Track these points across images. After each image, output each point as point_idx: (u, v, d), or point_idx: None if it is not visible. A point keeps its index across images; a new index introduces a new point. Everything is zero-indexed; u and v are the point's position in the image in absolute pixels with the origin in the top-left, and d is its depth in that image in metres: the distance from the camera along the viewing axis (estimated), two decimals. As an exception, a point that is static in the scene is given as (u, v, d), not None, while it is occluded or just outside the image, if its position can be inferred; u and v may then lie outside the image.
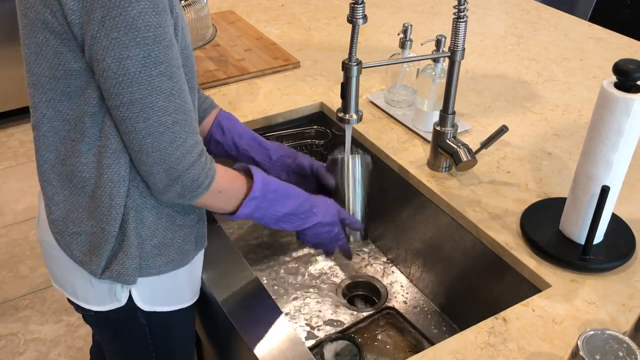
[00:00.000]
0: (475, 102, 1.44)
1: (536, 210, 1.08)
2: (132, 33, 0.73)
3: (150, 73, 0.76)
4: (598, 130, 0.91)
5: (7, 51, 2.94)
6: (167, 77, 0.78)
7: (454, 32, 1.06)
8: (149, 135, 0.79)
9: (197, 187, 0.85)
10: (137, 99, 0.77)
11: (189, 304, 1.03)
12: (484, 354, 0.86)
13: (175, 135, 0.80)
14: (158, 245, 0.92)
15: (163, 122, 0.79)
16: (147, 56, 0.75)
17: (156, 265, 0.93)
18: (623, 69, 0.87)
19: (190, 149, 0.83)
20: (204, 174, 0.85)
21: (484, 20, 1.88)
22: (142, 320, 0.99)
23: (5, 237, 2.45)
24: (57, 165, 0.87)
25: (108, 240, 0.88)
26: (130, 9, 0.72)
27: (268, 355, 0.89)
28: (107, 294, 0.94)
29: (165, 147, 0.80)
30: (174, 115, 0.80)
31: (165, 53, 0.77)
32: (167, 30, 0.76)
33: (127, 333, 1.03)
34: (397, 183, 1.26)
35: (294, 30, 1.79)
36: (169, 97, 0.79)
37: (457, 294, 1.21)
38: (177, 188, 0.84)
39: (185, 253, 0.97)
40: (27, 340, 2.04)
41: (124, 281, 0.91)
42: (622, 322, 0.90)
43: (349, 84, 1.02)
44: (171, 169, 0.82)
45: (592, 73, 1.58)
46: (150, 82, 0.76)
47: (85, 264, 0.91)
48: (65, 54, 0.79)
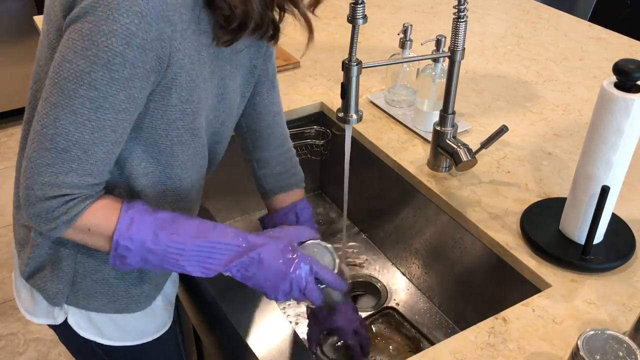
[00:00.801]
0: (475, 102, 1.44)
1: (536, 210, 1.08)
2: (88, 44, 0.67)
3: (77, 90, 0.69)
4: (598, 130, 0.91)
5: (7, 51, 2.94)
6: (90, 106, 0.70)
7: (454, 32, 1.06)
8: (37, 142, 0.72)
9: (51, 220, 0.75)
10: (52, 102, 0.70)
11: (136, 342, 0.97)
12: (484, 354, 0.86)
13: (57, 161, 0.72)
14: (101, 282, 0.88)
15: (55, 140, 0.71)
16: (85, 73, 0.68)
17: (95, 302, 0.89)
18: (623, 69, 0.87)
19: (61, 185, 0.73)
20: (62, 209, 0.74)
21: (484, 20, 1.88)
22: (98, 350, 0.95)
23: (5, 237, 2.45)
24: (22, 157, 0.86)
25: (40, 251, 0.86)
26: (103, 23, 0.66)
27: (268, 355, 0.89)
28: (44, 307, 0.92)
29: (40, 164, 0.72)
30: (70, 144, 0.71)
31: (108, 84, 0.69)
32: (127, 66, 0.68)
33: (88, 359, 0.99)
34: (397, 183, 1.26)
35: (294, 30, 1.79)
36: (78, 125, 0.70)
37: (457, 294, 1.21)
38: (30, 212, 0.75)
39: (133, 298, 0.91)
40: (27, 340, 2.04)
41: (46, 297, 0.88)
42: (622, 322, 0.90)
43: (349, 84, 1.02)
44: (30, 189, 0.73)
45: (592, 73, 1.58)
46: (70, 97, 0.69)
47: (19, 259, 0.90)
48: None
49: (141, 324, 0.97)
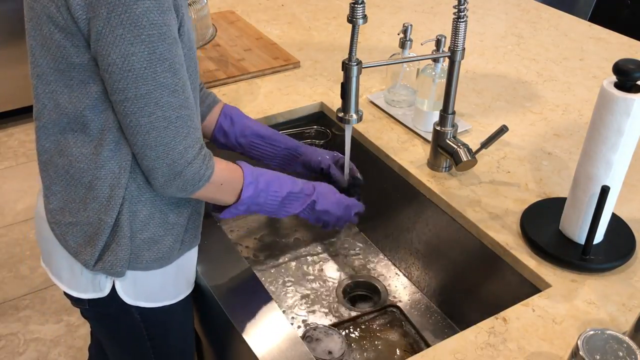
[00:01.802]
0: (475, 102, 1.44)
1: (536, 210, 1.08)
2: (137, 30, 0.75)
3: (155, 69, 0.78)
4: (598, 130, 0.91)
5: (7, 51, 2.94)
6: (171, 73, 0.79)
7: (454, 32, 1.06)
8: (153, 129, 0.81)
9: (199, 180, 0.87)
10: (142, 94, 0.78)
11: (174, 301, 1.02)
12: (484, 354, 0.86)
13: (178, 130, 0.82)
14: (148, 240, 0.93)
15: (167, 117, 0.81)
16: (152, 53, 0.77)
17: (144, 260, 0.94)
18: (623, 69, 0.87)
19: (192, 144, 0.84)
20: (204, 166, 0.87)
21: (484, 20, 1.88)
22: (136, 315, 0.99)
23: (5, 237, 2.45)
24: (55, 155, 0.89)
25: (104, 230, 0.89)
26: (135, 7, 0.74)
27: (268, 355, 0.89)
28: (90, 282, 0.95)
29: (169, 141, 0.82)
30: (177, 111, 0.81)
31: (170, 50, 0.78)
32: (171, 29, 0.78)
33: (123, 327, 1.03)
34: (397, 183, 1.26)
35: (294, 30, 1.79)
36: (173, 93, 0.80)
37: (457, 294, 1.21)
38: (179, 182, 0.85)
39: (174, 251, 0.97)
40: (27, 340, 2.04)
41: (114, 273, 0.92)
42: (622, 322, 0.90)
43: (349, 84, 1.02)
44: (174, 164, 0.83)
45: (592, 73, 1.58)
46: (155, 78, 0.78)
47: (79, 255, 0.92)
48: (68, 48, 0.79)
49: (177, 280, 1.02)
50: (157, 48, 0.77)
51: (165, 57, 0.78)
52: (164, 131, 0.81)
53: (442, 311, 1.26)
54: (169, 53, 0.78)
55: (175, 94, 0.81)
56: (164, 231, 0.94)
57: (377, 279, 1.34)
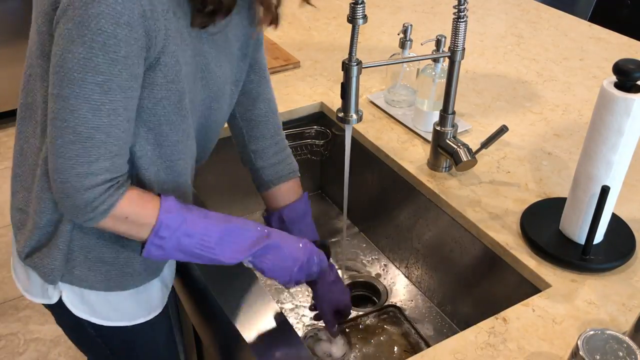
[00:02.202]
0: (475, 102, 1.44)
1: (536, 210, 1.08)
2: (82, 30, 0.70)
3: (85, 77, 0.72)
4: (598, 131, 0.91)
5: (7, 51, 2.94)
6: (101, 90, 0.73)
7: (454, 32, 1.06)
8: (60, 137, 0.75)
9: (90, 211, 0.78)
10: (64, 95, 0.73)
11: (129, 323, 0.98)
12: (484, 354, 0.86)
13: (85, 151, 0.75)
14: (95, 260, 0.90)
15: (78, 132, 0.74)
16: (87, 59, 0.71)
17: (88, 279, 0.91)
18: (623, 69, 0.87)
19: (96, 172, 0.76)
20: (100, 199, 0.78)
21: (484, 20, 1.88)
22: (90, 330, 0.96)
23: (5, 237, 2.45)
24: (23, 141, 0.89)
25: (34, 230, 0.88)
26: (90, 6, 0.69)
27: (268, 355, 0.89)
28: (39, 286, 0.94)
29: (70, 157, 0.75)
30: (92, 131, 0.74)
31: (110, 66, 0.72)
32: (122, 46, 0.72)
33: (82, 339, 1.01)
34: (397, 183, 1.26)
35: (294, 30, 1.79)
36: (95, 111, 0.74)
37: (457, 294, 1.21)
38: (69, 205, 0.78)
39: (125, 277, 0.93)
40: (27, 340, 2.04)
41: (42, 275, 0.90)
42: (622, 322, 0.90)
43: (349, 84, 1.02)
44: (66, 182, 0.76)
45: (592, 73, 1.58)
46: (81, 87, 0.72)
47: (17, 242, 0.93)
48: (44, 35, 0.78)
49: (134, 304, 0.98)
50: (95, 57, 0.71)
51: (101, 70, 0.72)
52: (69, 145, 0.74)
53: (442, 311, 1.26)
54: (106, 68, 0.72)
55: (97, 112, 0.74)
56: (114, 253, 0.90)
57: (377, 279, 1.34)
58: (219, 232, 0.86)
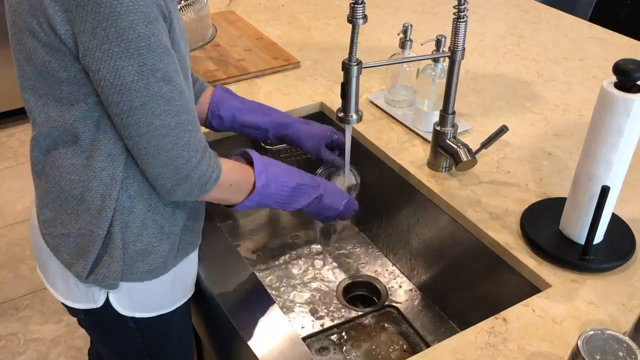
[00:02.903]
0: (475, 102, 1.44)
1: (536, 210, 1.08)
2: (124, 44, 0.73)
3: (148, 81, 0.77)
4: (598, 131, 0.91)
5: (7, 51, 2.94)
6: (165, 82, 0.78)
7: (454, 32, 1.06)
8: (153, 138, 0.80)
9: (205, 183, 0.87)
10: (137, 106, 0.78)
11: (171, 309, 1.01)
12: (484, 354, 0.86)
13: (178, 136, 0.81)
14: (141, 252, 0.92)
15: (166, 125, 0.80)
16: (142, 65, 0.75)
17: (138, 271, 0.93)
18: (623, 69, 0.87)
19: (196, 147, 0.84)
20: (210, 169, 0.86)
21: (484, 20, 1.88)
22: (132, 325, 0.98)
23: (5, 237, 2.45)
24: (47, 167, 0.88)
25: (95, 242, 0.89)
26: (120, 20, 0.72)
27: (268, 355, 0.89)
28: (84, 293, 0.94)
29: (171, 148, 0.81)
30: (176, 117, 0.80)
31: (161, 59, 0.77)
32: (160, 38, 0.76)
33: (119, 337, 1.02)
34: (397, 183, 1.26)
35: (294, 30, 1.79)
36: (169, 101, 0.79)
37: (457, 294, 1.21)
38: (186, 186, 0.85)
39: (169, 260, 0.96)
40: (27, 340, 2.04)
41: (107, 285, 0.91)
42: (622, 322, 0.90)
43: (349, 84, 1.02)
44: (178, 169, 0.83)
45: (592, 73, 1.58)
46: (148, 89, 0.77)
47: (72, 267, 0.92)
48: (52, 63, 0.79)
49: (174, 289, 1.01)
50: (147, 60, 0.75)
51: (157, 67, 0.77)
52: (164, 139, 0.81)
53: (442, 311, 1.26)
54: (159, 63, 0.77)
55: (172, 101, 0.80)
56: (158, 241, 0.93)
57: (377, 279, 1.34)
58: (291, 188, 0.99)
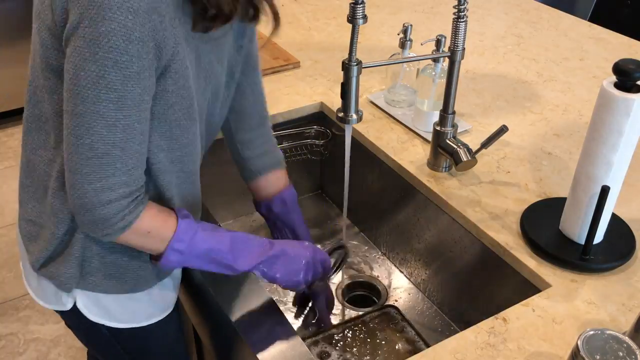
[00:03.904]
0: (475, 102, 1.44)
1: (536, 210, 1.08)
2: (94, 48, 0.70)
3: (99, 95, 0.72)
4: (598, 131, 0.91)
5: (7, 51, 2.94)
6: (115, 107, 0.73)
7: (454, 32, 1.06)
8: (76, 153, 0.75)
9: (109, 226, 0.79)
10: (78, 112, 0.73)
11: (144, 323, 0.99)
12: (484, 354, 0.86)
13: (101, 166, 0.75)
14: (109, 265, 0.90)
15: (94, 148, 0.74)
16: (100, 76, 0.71)
17: (103, 284, 0.91)
18: (623, 69, 0.87)
19: (113, 187, 0.77)
20: (119, 216, 0.79)
21: (484, 20, 1.88)
22: (105, 332, 0.97)
23: (5, 237, 2.45)
24: (29, 151, 0.89)
25: (51, 241, 0.88)
26: (101, 24, 0.69)
27: (268, 355, 0.89)
28: (53, 294, 0.94)
29: (87, 173, 0.76)
30: (108, 146, 0.75)
31: (123, 82, 0.72)
32: (134, 61, 0.72)
33: (97, 342, 1.02)
34: (397, 183, 1.26)
35: (294, 30, 1.79)
36: (110, 127, 0.74)
37: (457, 294, 1.21)
38: (87, 220, 0.79)
39: (140, 279, 0.94)
40: (27, 340, 2.04)
41: (58, 284, 0.90)
42: (622, 322, 0.90)
43: (349, 84, 1.02)
44: (84, 198, 0.77)
45: (592, 73, 1.58)
46: (95, 103, 0.72)
47: (29, 254, 0.92)
48: (50, 49, 0.78)
49: (149, 305, 0.99)
50: (108, 74, 0.71)
51: (114, 87, 0.72)
52: (85, 161, 0.75)
53: (442, 311, 1.26)
54: (120, 85, 0.72)
55: (112, 129, 0.74)
56: (128, 257, 0.90)
57: (377, 279, 1.34)
58: (229, 238, 0.90)
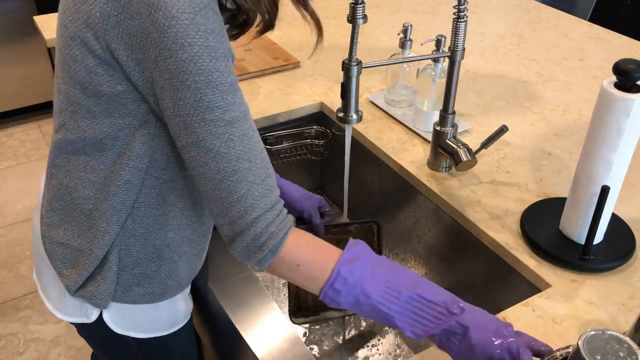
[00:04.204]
0: (475, 102, 1.44)
1: (536, 210, 1.08)
2: (182, 76, 0.70)
3: (204, 117, 0.72)
4: (598, 131, 0.91)
5: (7, 51, 2.94)
6: (224, 123, 0.73)
7: (454, 32, 1.06)
8: (209, 181, 0.75)
9: (260, 247, 0.77)
10: (193, 142, 0.74)
11: (168, 332, 1.00)
12: (484, 354, 0.86)
13: (235, 185, 0.75)
14: (138, 275, 0.90)
15: (221, 169, 0.74)
16: (199, 100, 0.72)
17: (132, 294, 0.91)
18: (623, 69, 0.87)
19: (255, 202, 0.76)
20: (267, 232, 0.76)
21: (484, 20, 1.88)
22: (130, 341, 0.97)
23: (5, 237, 2.45)
24: (62, 174, 0.87)
25: (92, 262, 0.87)
26: (182, 52, 0.69)
27: (268, 355, 0.89)
28: (77, 306, 0.93)
29: (226, 197, 0.75)
30: (233, 163, 0.74)
31: (223, 98, 0.72)
32: (224, 75, 0.72)
33: (118, 351, 1.01)
34: (397, 183, 1.26)
35: (294, 30, 1.79)
36: (227, 143, 0.74)
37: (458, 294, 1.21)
38: (239, 245, 0.78)
39: (167, 288, 0.94)
40: (27, 340, 2.04)
41: (95, 303, 0.90)
42: (622, 322, 0.90)
43: (349, 84, 1.02)
44: (233, 223, 0.76)
45: (592, 73, 1.58)
46: (204, 127, 0.73)
47: (63, 277, 0.91)
48: (100, 75, 0.76)
49: (172, 313, 0.99)
50: (205, 95, 0.71)
51: (216, 104, 0.72)
52: (219, 184, 0.75)
53: (442, 311, 1.26)
54: (220, 101, 0.72)
55: (230, 144, 0.74)
56: (157, 267, 0.91)
57: (377, 279, 1.34)
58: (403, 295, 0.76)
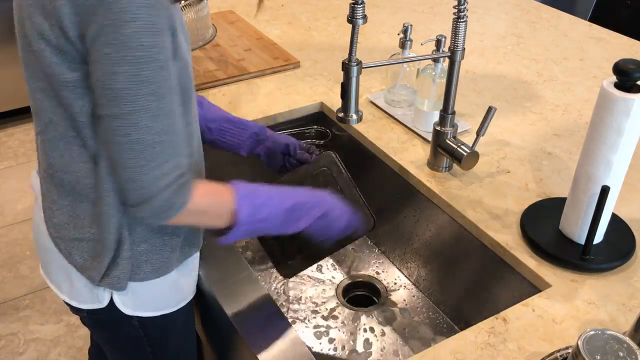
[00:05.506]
0: (475, 102, 1.44)
1: (536, 210, 1.08)
2: (123, 51, 0.72)
3: (138, 92, 0.75)
4: (598, 131, 0.91)
5: (7, 51, 2.94)
6: (155, 97, 0.76)
7: (454, 32, 1.06)
8: (128, 150, 0.77)
9: (168, 209, 0.82)
10: (122, 114, 0.76)
11: (175, 308, 1.01)
12: (484, 354, 0.86)
13: (154, 155, 0.78)
14: (146, 252, 0.92)
15: (143, 140, 0.77)
16: (136, 74, 0.74)
17: (142, 271, 0.93)
18: (623, 69, 0.87)
19: (169, 171, 0.80)
20: (176, 196, 0.82)
21: (484, 20, 1.88)
22: (135, 323, 0.99)
23: (5, 237, 2.45)
24: (61, 171, 0.88)
25: (109, 246, 0.89)
26: (125, 28, 0.71)
27: (268, 355, 0.89)
28: (89, 293, 0.94)
29: (143, 165, 0.78)
30: (156, 136, 0.78)
31: (157, 73, 0.75)
32: (162, 51, 0.75)
33: (122, 335, 1.03)
34: (397, 183, 1.26)
35: (294, 30, 1.79)
36: (154, 118, 0.77)
37: (457, 294, 1.21)
38: (149, 207, 0.81)
39: (172, 260, 0.96)
40: (27, 340, 2.04)
41: (119, 287, 0.92)
42: (622, 322, 0.90)
43: (349, 84, 1.02)
44: (143, 189, 0.79)
45: (592, 73, 1.58)
46: (136, 101, 0.75)
47: (85, 270, 0.92)
48: (59, 65, 0.78)
49: (178, 289, 1.01)
50: (143, 70, 0.74)
51: (151, 80, 0.75)
52: (138, 154, 0.77)
53: (442, 311, 1.26)
54: (155, 76, 0.75)
55: (157, 118, 0.77)
56: (161, 241, 0.93)
57: (377, 279, 1.34)
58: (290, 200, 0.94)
